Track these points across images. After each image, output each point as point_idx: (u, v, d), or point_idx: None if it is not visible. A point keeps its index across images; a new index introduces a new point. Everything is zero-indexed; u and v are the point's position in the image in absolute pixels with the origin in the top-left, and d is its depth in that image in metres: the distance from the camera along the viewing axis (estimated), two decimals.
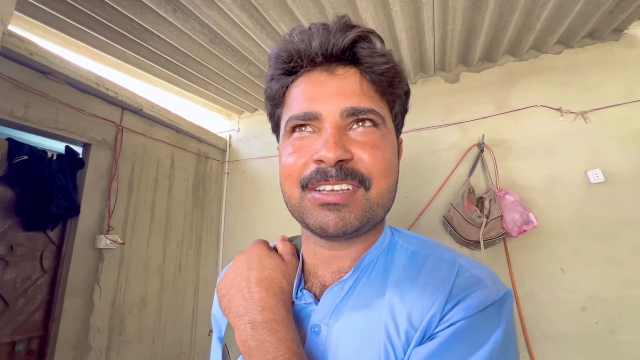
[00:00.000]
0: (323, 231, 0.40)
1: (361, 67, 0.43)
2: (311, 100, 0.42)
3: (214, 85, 2.14)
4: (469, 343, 0.35)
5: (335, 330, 0.41)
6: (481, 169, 1.89)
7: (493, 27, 1.68)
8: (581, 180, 1.69)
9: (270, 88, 0.47)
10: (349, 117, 0.41)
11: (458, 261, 0.42)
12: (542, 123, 1.82)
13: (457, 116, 2.01)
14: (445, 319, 0.37)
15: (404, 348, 0.37)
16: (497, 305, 0.38)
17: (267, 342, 0.37)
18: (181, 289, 2.14)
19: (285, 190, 0.44)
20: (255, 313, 0.40)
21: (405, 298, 0.40)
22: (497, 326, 0.36)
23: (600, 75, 1.77)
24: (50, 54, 1.48)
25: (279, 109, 0.48)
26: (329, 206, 0.40)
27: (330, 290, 0.43)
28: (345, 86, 0.42)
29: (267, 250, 0.48)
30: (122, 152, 1.81)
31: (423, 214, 1.94)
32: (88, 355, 1.57)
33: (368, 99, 0.42)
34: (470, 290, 0.38)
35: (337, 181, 0.39)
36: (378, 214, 0.42)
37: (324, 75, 0.43)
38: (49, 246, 1.53)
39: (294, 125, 0.43)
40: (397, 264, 0.44)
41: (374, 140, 0.42)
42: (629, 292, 1.53)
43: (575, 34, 1.74)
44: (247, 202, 2.54)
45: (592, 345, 1.53)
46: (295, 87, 0.45)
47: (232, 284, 0.45)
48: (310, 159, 0.41)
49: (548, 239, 1.69)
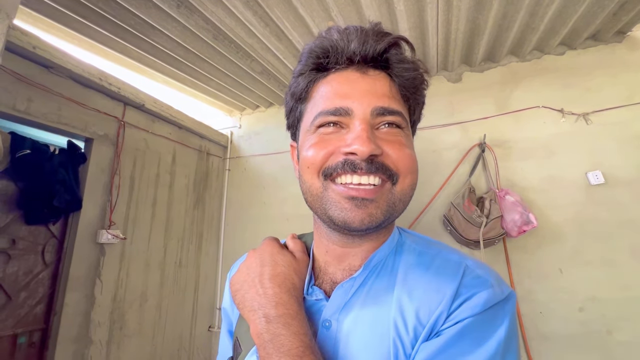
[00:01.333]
0: (346, 225, 0.41)
1: (391, 72, 0.45)
2: (342, 96, 0.43)
3: (216, 81, 2.14)
4: (474, 339, 0.37)
5: (345, 325, 0.43)
6: (482, 168, 1.89)
7: (497, 27, 1.68)
8: (581, 182, 1.70)
9: (297, 83, 0.47)
10: (378, 117, 0.42)
11: (464, 262, 0.44)
12: (544, 124, 1.83)
13: (459, 115, 2.01)
14: (452, 317, 0.38)
15: (411, 343, 0.39)
16: (501, 304, 0.39)
17: (281, 335, 0.38)
18: (181, 284, 2.15)
19: (305, 179, 0.44)
20: (269, 307, 0.41)
21: (413, 295, 0.41)
22: (500, 324, 0.38)
23: (602, 76, 1.77)
24: (52, 48, 1.47)
25: (302, 105, 0.49)
26: (356, 200, 0.40)
27: (340, 287, 0.45)
28: (377, 86, 0.43)
29: (278, 247, 0.50)
30: (123, 147, 1.82)
31: (423, 213, 1.94)
32: (89, 348, 1.58)
33: (396, 102, 0.44)
34: (476, 289, 0.40)
35: (366, 173, 0.40)
36: (399, 210, 0.43)
37: (356, 74, 0.44)
38: (51, 240, 1.54)
39: (323, 121, 0.43)
40: (405, 263, 0.46)
41: (400, 140, 0.43)
42: (626, 294, 1.54)
43: (578, 35, 1.74)
44: (248, 198, 2.54)
45: (588, 345, 1.55)
46: (325, 83, 0.45)
47: (245, 279, 0.47)
48: (336, 150, 0.42)
49: (547, 240, 1.70)
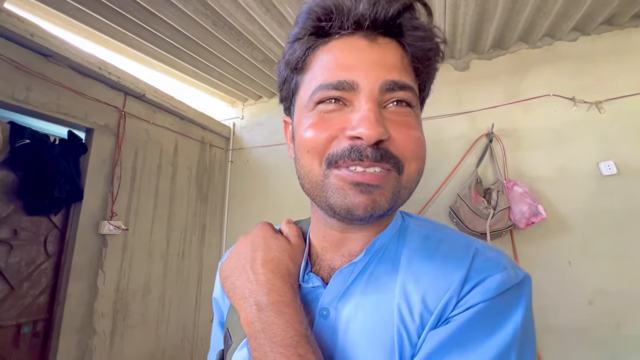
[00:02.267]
0: (349, 213, 0.36)
1: (404, 40, 0.39)
2: (346, 67, 0.37)
3: (217, 70, 2.10)
4: (487, 326, 0.34)
5: (344, 313, 0.40)
6: (489, 159, 1.85)
7: (507, 11, 1.61)
8: (592, 172, 1.65)
9: (293, 49, 0.41)
10: (387, 93, 0.37)
11: (473, 245, 0.40)
12: (554, 113, 1.77)
13: (466, 105, 1.96)
14: (462, 302, 0.35)
15: (417, 331, 0.36)
16: (516, 288, 0.36)
17: (274, 324, 0.36)
18: (184, 275, 2.15)
19: (303, 164, 0.40)
20: (261, 295, 0.38)
21: (419, 280, 0.38)
22: (516, 309, 0.35)
23: (616, 63, 1.70)
24: (50, 36, 1.45)
25: (298, 76, 0.43)
26: (361, 186, 0.36)
27: (339, 273, 0.41)
28: (387, 57, 0.38)
29: (272, 232, 0.47)
30: (124, 138, 1.80)
31: (428, 204, 1.91)
32: (92, 338, 1.58)
33: (407, 75, 0.38)
34: (488, 272, 0.36)
35: (372, 163, 0.36)
36: (404, 198, 0.39)
37: (364, 42, 0.38)
38: (53, 231, 1.53)
39: (323, 97, 0.38)
40: (409, 247, 0.42)
41: (409, 122, 0.38)
42: (636, 287, 1.51)
43: (592, 19, 1.67)
44: (251, 190, 2.53)
45: (597, 338, 1.52)
46: (326, 51, 0.39)
47: (235, 265, 0.44)
48: (339, 133, 0.37)
49: (556, 231, 1.66)
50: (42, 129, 1.54)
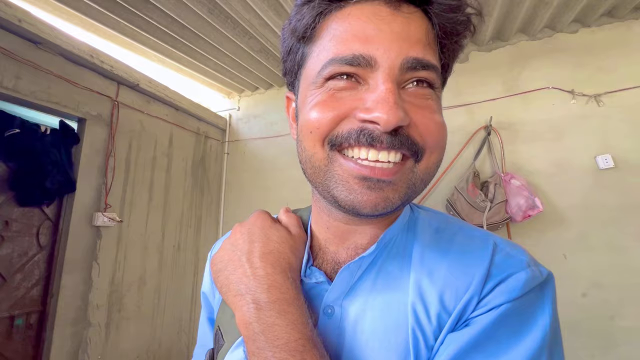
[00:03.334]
0: (354, 210, 0.32)
1: (431, 10, 0.33)
2: (364, 40, 0.32)
3: (213, 60, 2.06)
4: (513, 329, 0.31)
5: (351, 311, 0.36)
6: (487, 152, 1.84)
7: (507, 3, 1.59)
8: (589, 166, 1.65)
9: (301, 15, 0.35)
10: (408, 72, 0.32)
11: (491, 239, 0.37)
12: (553, 106, 1.76)
13: (465, 97, 1.94)
14: (484, 302, 0.32)
15: (434, 333, 0.33)
16: (540, 287, 0.33)
17: (275, 325, 0.32)
18: (180, 267, 2.14)
19: (305, 146, 0.35)
20: (260, 291, 0.34)
21: (434, 277, 0.35)
22: (543, 311, 0.32)
23: (616, 56, 1.69)
24: (40, 22, 1.41)
25: (305, 46, 0.37)
26: (370, 181, 0.32)
27: (346, 268, 0.37)
28: (411, 29, 0.32)
29: (270, 221, 0.42)
30: (118, 128, 1.76)
31: (425, 197, 1.90)
32: (87, 330, 1.57)
33: (432, 52, 0.33)
34: (511, 270, 0.33)
35: (386, 148, 0.31)
36: (419, 191, 0.35)
37: (385, 9, 0.32)
38: (45, 222, 1.51)
39: (334, 72, 0.33)
40: (420, 240, 0.39)
41: (430, 105, 0.34)
42: (630, 279, 1.52)
43: (593, 11, 1.65)
44: (247, 182, 2.51)
45: (590, 330, 1.53)
46: (340, 18, 0.34)
47: (230, 257, 0.39)
48: (350, 113, 0.32)
49: (552, 225, 1.67)
50: (33, 118, 1.51)
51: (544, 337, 0.30)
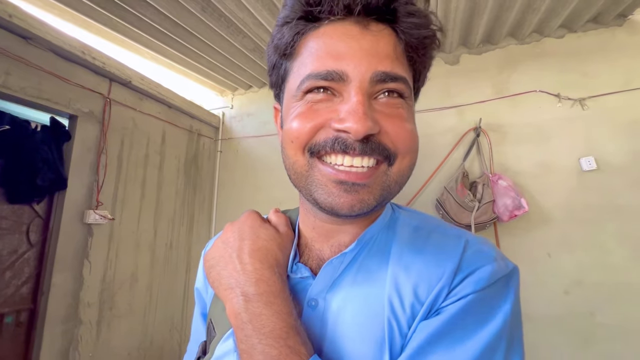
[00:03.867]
0: (333, 211, 0.36)
1: (397, 27, 0.37)
2: (336, 56, 0.35)
3: (206, 58, 2.06)
4: (478, 317, 0.34)
5: (333, 304, 0.39)
6: (476, 153, 1.88)
7: (497, 6, 1.62)
8: (573, 167, 1.70)
9: (281, 34, 0.39)
10: (378, 84, 0.35)
11: (464, 236, 0.41)
12: (540, 108, 1.81)
13: (455, 99, 1.98)
14: (453, 292, 0.36)
15: (408, 322, 0.36)
16: (505, 279, 0.37)
17: (262, 315, 0.35)
18: (172, 265, 2.14)
19: (288, 154, 0.39)
20: (248, 285, 0.37)
21: (410, 271, 0.38)
22: (505, 300, 0.36)
23: (600, 61, 1.74)
24: (30, 17, 1.39)
25: (287, 62, 0.41)
26: (346, 185, 0.35)
27: (329, 263, 0.41)
28: (380, 45, 0.36)
29: (260, 220, 0.45)
30: (110, 126, 1.75)
31: (416, 197, 1.94)
32: (78, 328, 1.57)
33: (400, 65, 0.37)
34: (479, 264, 0.37)
35: (359, 154, 0.34)
36: (394, 193, 0.39)
37: (356, 28, 0.36)
38: (35, 219, 1.50)
39: (311, 86, 0.36)
40: (399, 238, 0.42)
41: (401, 113, 0.37)
42: (610, 278, 1.58)
43: (579, 17, 1.70)
44: (240, 180, 2.51)
45: (571, 326, 1.59)
46: (315, 37, 0.37)
47: (221, 254, 0.42)
48: (326, 123, 0.35)
49: (537, 224, 1.72)
50: (23, 114, 1.49)
51: (505, 323, 0.34)
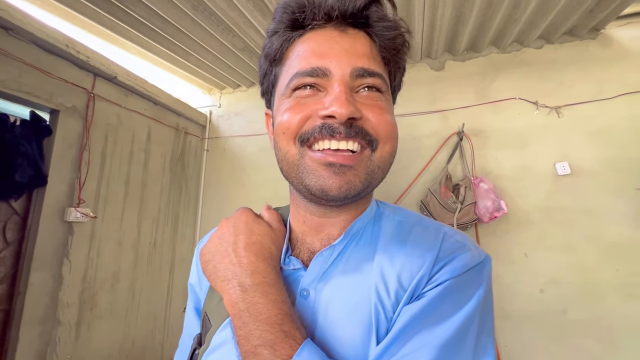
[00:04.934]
0: (324, 193, 0.39)
1: (371, 31, 0.42)
2: (320, 55, 0.40)
3: (195, 55, 2.04)
4: (454, 300, 0.38)
5: (324, 293, 0.42)
6: (459, 156, 1.95)
7: (481, 16, 1.69)
8: (549, 172, 1.79)
9: (271, 42, 0.44)
10: (358, 79, 0.40)
11: (442, 229, 0.45)
12: (519, 115, 1.89)
13: (440, 104, 2.04)
14: (433, 279, 0.39)
15: (393, 307, 0.39)
16: (479, 267, 0.40)
17: (258, 304, 0.37)
18: (156, 265, 2.10)
19: (280, 146, 0.42)
20: (244, 276, 0.39)
21: (394, 261, 0.41)
22: (479, 285, 0.39)
23: (575, 72, 1.84)
24: (11, 7, 1.34)
25: (277, 68, 0.45)
26: (334, 167, 0.38)
27: (320, 255, 0.44)
28: (357, 46, 0.41)
29: (254, 216, 0.48)
30: (93, 121, 1.71)
31: (402, 198, 1.99)
32: (57, 329, 1.52)
33: (377, 63, 0.42)
34: (455, 253, 0.41)
35: (344, 137, 0.38)
36: (378, 178, 0.42)
37: (335, 32, 0.41)
38: (13, 217, 1.45)
39: (298, 83, 0.40)
40: (384, 231, 0.45)
41: (380, 105, 0.41)
42: (581, 276, 1.67)
43: (556, 29, 1.80)
44: (227, 180, 2.49)
45: (546, 322, 1.67)
46: (301, 43, 0.42)
47: (217, 248, 0.44)
48: (313, 114, 0.39)
49: (515, 226, 1.80)
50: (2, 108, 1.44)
51: (477, 305, 0.37)
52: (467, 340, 0.36)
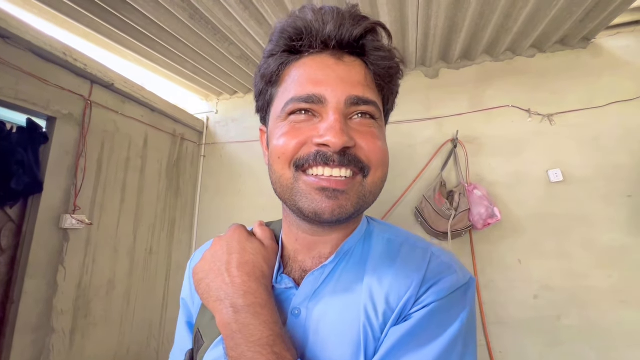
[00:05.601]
0: (317, 216, 0.40)
1: (367, 60, 0.43)
2: (316, 83, 0.41)
3: (192, 63, 2.06)
4: (440, 322, 0.39)
5: (315, 312, 0.43)
6: (453, 163, 1.97)
7: (473, 26, 1.72)
8: (542, 179, 1.81)
9: (267, 64, 0.45)
10: (352, 106, 0.41)
11: (430, 249, 0.46)
12: (512, 123, 1.92)
13: (434, 111, 2.07)
14: (420, 301, 0.40)
15: (380, 327, 0.40)
16: (463, 289, 0.42)
17: (250, 325, 0.37)
18: (152, 272, 2.10)
19: (275, 169, 0.43)
20: (237, 297, 0.40)
21: (383, 282, 0.42)
22: (463, 307, 0.40)
23: (566, 80, 1.87)
24: (8, 16, 1.36)
25: (272, 88, 0.46)
26: (327, 191, 0.39)
27: (311, 275, 0.44)
28: (352, 74, 0.42)
29: (246, 234, 0.48)
30: (90, 128, 1.72)
31: (396, 205, 2.00)
32: (50, 337, 1.52)
33: (371, 91, 0.43)
34: (441, 275, 0.42)
35: (338, 165, 0.39)
36: (369, 202, 0.43)
37: (331, 60, 0.42)
38: (8, 224, 1.45)
39: (294, 108, 0.41)
40: (374, 251, 0.46)
41: (373, 132, 0.43)
42: (574, 283, 1.68)
43: (548, 38, 1.83)
44: (223, 186, 2.50)
45: (540, 328, 1.68)
46: (297, 67, 0.43)
47: (210, 267, 0.44)
48: (308, 140, 0.40)
49: (509, 232, 1.81)
50: None
51: (461, 327, 0.39)
52: None
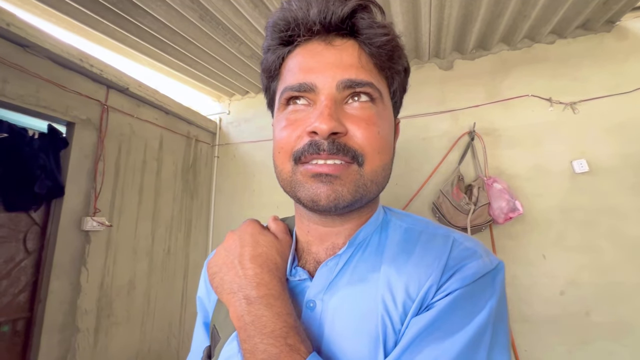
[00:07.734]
0: (314, 203, 0.39)
1: (360, 39, 0.41)
2: (306, 71, 0.40)
3: (203, 64, 2.07)
4: (465, 310, 0.36)
5: (330, 304, 0.41)
6: (471, 156, 1.91)
7: (489, 14, 1.66)
8: (566, 170, 1.74)
9: (266, 59, 0.45)
10: (345, 90, 0.40)
11: (452, 235, 0.43)
12: (532, 112, 1.85)
13: (450, 104, 2.01)
14: (442, 289, 0.37)
15: (401, 318, 0.38)
16: (491, 274, 0.39)
17: (263, 317, 0.37)
18: (170, 272, 2.13)
19: (277, 164, 0.43)
20: (249, 289, 0.39)
21: (401, 271, 0.40)
22: (491, 294, 0.37)
23: (590, 66, 1.79)
24: (28, 26, 1.40)
25: (274, 82, 0.46)
26: (321, 177, 0.39)
27: (324, 265, 0.43)
28: (343, 57, 0.41)
29: (259, 228, 0.48)
30: (107, 132, 1.76)
31: (412, 200, 1.96)
32: (76, 336, 1.56)
33: (366, 72, 0.41)
34: (465, 261, 0.39)
35: (328, 155, 0.39)
36: (371, 191, 0.41)
37: (321, 45, 0.41)
38: (33, 227, 1.49)
39: (288, 96, 0.42)
40: (391, 240, 0.44)
41: (370, 116, 0.41)
42: (604, 278, 1.61)
43: (568, 23, 1.75)
44: (237, 186, 2.52)
45: (567, 326, 1.61)
46: (291, 58, 0.43)
47: (224, 261, 0.44)
48: (304, 131, 0.40)
49: (532, 226, 1.74)
50: (21, 122, 1.49)
51: (490, 316, 0.36)
52: (479, 353, 0.34)
